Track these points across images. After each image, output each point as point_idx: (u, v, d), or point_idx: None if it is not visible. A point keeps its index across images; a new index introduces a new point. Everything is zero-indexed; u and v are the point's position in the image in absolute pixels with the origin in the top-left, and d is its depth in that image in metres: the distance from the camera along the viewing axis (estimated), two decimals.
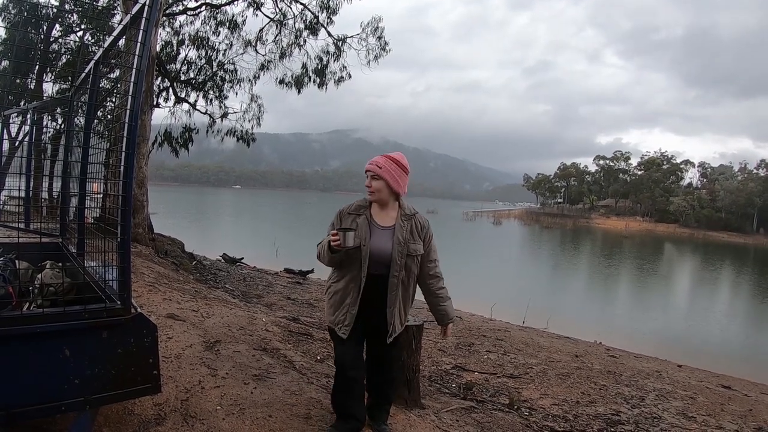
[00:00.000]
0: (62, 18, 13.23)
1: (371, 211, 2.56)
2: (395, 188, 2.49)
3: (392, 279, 2.48)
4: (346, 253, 2.45)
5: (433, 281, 2.64)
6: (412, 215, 2.56)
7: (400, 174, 2.50)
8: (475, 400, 4.17)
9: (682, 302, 18.12)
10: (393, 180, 2.47)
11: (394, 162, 2.49)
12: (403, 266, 2.49)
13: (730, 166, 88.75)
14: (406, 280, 2.53)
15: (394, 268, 2.47)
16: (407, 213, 2.56)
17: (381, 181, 2.47)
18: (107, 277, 2.06)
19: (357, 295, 2.48)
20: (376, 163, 2.48)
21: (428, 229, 2.60)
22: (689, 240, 62.94)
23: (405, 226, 2.51)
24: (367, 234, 2.47)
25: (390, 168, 2.48)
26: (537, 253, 35.28)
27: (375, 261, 2.47)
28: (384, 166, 2.47)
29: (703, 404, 5.04)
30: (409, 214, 2.56)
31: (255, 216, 51.64)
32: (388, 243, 2.48)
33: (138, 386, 1.93)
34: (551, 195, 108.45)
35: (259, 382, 3.10)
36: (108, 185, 2.60)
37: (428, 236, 2.60)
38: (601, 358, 6.90)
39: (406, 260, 2.49)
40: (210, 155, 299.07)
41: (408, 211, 2.57)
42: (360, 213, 2.54)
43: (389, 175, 2.47)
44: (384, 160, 2.49)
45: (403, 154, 2.57)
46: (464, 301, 11.54)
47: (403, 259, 2.48)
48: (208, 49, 14.17)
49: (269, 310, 6.58)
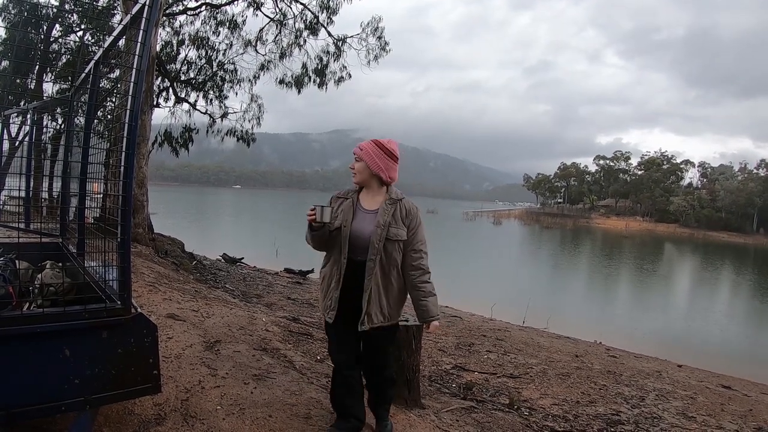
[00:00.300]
0: (62, 18, 13.23)
1: (359, 195, 2.55)
2: (375, 170, 2.46)
3: (369, 263, 2.41)
4: (330, 235, 2.45)
5: (416, 273, 2.51)
6: (398, 200, 2.51)
7: (382, 157, 2.46)
8: (475, 400, 4.17)
9: (682, 302, 18.13)
10: (372, 162, 2.45)
11: (378, 146, 2.48)
12: (382, 250, 2.42)
13: (730, 166, 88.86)
14: (387, 267, 2.45)
15: (371, 251, 2.41)
16: (393, 197, 2.51)
17: (362, 163, 2.47)
18: (107, 277, 2.06)
19: (339, 279, 2.45)
20: (359, 146, 2.50)
21: (415, 216, 2.52)
22: (689, 240, 62.93)
23: (389, 209, 2.46)
24: (349, 216, 2.47)
25: (371, 150, 2.46)
26: (537, 253, 35.29)
27: (356, 245, 2.44)
28: (365, 149, 2.47)
29: (703, 404, 5.04)
30: (395, 199, 2.51)
31: (255, 216, 51.67)
32: (370, 226, 2.45)
33: (138, 386, 1.93)
34: (551, 195, 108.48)
35: (259, 382, 3.10)
36: (108, 185, 2.60)
37: (414, 223, 2.51)
38: (601, 358, 6.90)
39: (385, 244, 2.42)
40: (210, 155, 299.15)
41: (394, 196, 2.52)
42: (348, 197, 2.55)
43: (369, 157, 2.45)
44: (368, 143, 2.50)
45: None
46: (464, 300, 11.56)
47: (380, 243, 2.41)
48: (208, 49, 14.17)
49: (269, 310, 6.58)
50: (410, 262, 2.50)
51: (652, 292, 19.67)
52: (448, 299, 10.73)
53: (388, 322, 2.51)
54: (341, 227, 2.46)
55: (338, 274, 2.46)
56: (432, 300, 2.53)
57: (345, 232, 2.44)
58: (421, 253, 2.51)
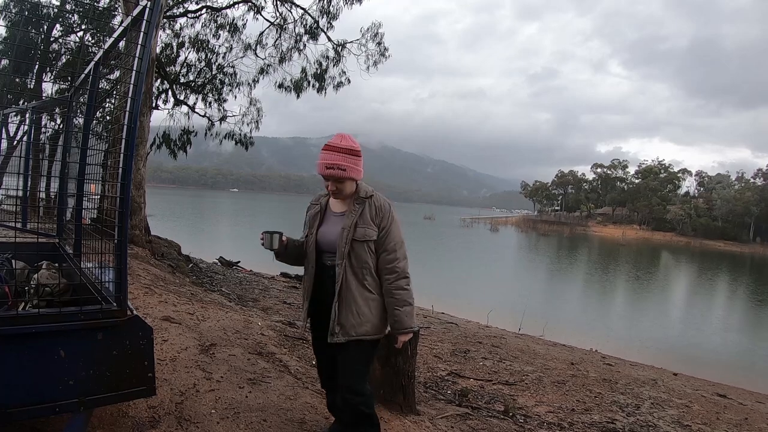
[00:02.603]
0: (63, 18, 13.25)
1: (330, 199, 2.39)
2: (357, 178, 2.27)
3: (337, 267, 2.23)
4: (300, 246, 2.38)
5: (389, 277, 2.26)
6: (366, 197, 2.29)
7: (359, 163, 2.25)
8: (470, 406, 4.16)
9: (678, 311, 18.15)
10: (357, 173, 2.25)
11: (351, 153, 2.22)
12: (348, 254, 2.21)
13: (728, 175, 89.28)
14: (359, 271, 2.23)
15: (338, 255, 2.22)
16: (361, 195, 2.29)
17: (349, 182, 2.26)
18: (103, 279, 2.05)
19: (310, 287, 2.34)
20: (338, 166, 2.18)
21: (387, 213, 2.28)
22: (686, 248, 63.09)
23: (356, 209, 2.26)
24: (316, 222, 2.34)
25: (352, 164, 2.22)
26: (534, 260, 35.31)
27: (324, 250, 2.31)
28: (347, 166, 2.20)
29: (698, 413, 5.04)
30: (363, 197, 2.29)
31: (252, 219, 51.56)
32: (336, 228, 2.27)
33: (133, 388, 1.93)
34: (548, 202, 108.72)
35: (254, 386, 3.09)
36: (106, 186, 2.60)
37: (386, 221, 2.27)
38: (597, 365, 6.90)
39: (353, 246, 2.22)
40: (208, 158, 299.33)
41: (363, 193, 2.30)
42: (318, 202, 2.42)
43: (355, 173, 2.24)
44: (342, 158, 2.19)
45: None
46: (460, 307, 11.56)
47: (346, 246, 2.21)
48: (207, 51, 14.22)
49: (265, 314, 6.55)
50: (383, 264, 2.27)
51: (648, 301, 19.70)
52: (444, 306, 10.73)
53: (371, 335, 2.27)
54: (308, 236, 2.36)
55: (309, 283, 2.35)
56: (406, 310, 2.27)
57: (311, 240, 2.33)
58: (395, 254, 2.27)
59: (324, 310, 2.28)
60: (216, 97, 14.65)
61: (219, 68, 14.44)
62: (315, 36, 14.02)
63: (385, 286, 2.27)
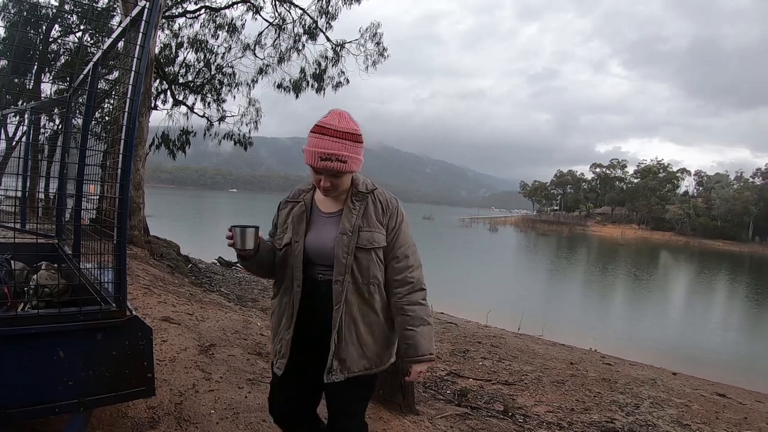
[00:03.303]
0: (61, 18, 13.25)
1: (315, 195, 1.82)
2: (357, 170, 1.72)
3: (336, 286, 1.68)
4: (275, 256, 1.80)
5: (401, 290, 1.74)
6: (368, 192, 1.77)
7: (360, 150, 1.68)
8: (469, 406, 4.16)
9: (677, 310, 18.16)
10: (357, 164, 1.69)
11: (354, 141, 1.64)
12: (351, 266, 1.68)
13: (726, 175, 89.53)
14: (364, 289, 1.71)
15: (337, 269, 1.68)
16: (361, 190, 1.76)
17: (346, 176, 1.71)
18: (103, 279, 2.05)
19: (292, 314, 1.73)
20: (337, 157, 1.61)
21: (395, 210, 1.77)
22: (685, 248, 63.16)
23: (357, 207, 1.73)
24: (301, 226, 1.76)
25: (354, 154, 1.65)
26: (533, 260, 35.35)
27: (315, 262, 1.73)
28: (349, 157, 1.63)
29: (698, 412, 5.05)
30: (364, 192, 1.76)
31: (252, 219, 51.44)
32: (332, 234, 1.72)
33: (132, 389, 1.92)
34: (547, 202, 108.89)
35: (254, 386, 3.09)
36: (105, 187, 2.60)
37: (395, 221, 1.76)
38: (596, 365, 6.90)
39: (356, 257, 1.69)
40: (207, 158, 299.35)
41: (362, 188, 1.76)
42: (299, 199, 1.82)
43: (356, 163, 1.67)
44: (342, 145, 1.62)
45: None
46: (460, 307, 11.55)
47: (349, 256, 1.67)
48: (206, 52, 14.25)
49: (264, 315, 6.55)
50: (393, 275, 1.75)
51: (647, 300, 19.71)
52: (444, 306, 10.73)
53: (375, 368, 1.78)
54: (291, 243, 1.75)
55: (291, 307, 1.74)
56: (423, 330, 1.74)
57: (297, 248, 1.73)
58: (407, 261, 1.76)
59: (309, 341, 1.76)
60: (215, 98, 14.69)
61: (218, 68, 14.47)
62: (314, 36, 14.06)
63: (394, 302, 1.76)
